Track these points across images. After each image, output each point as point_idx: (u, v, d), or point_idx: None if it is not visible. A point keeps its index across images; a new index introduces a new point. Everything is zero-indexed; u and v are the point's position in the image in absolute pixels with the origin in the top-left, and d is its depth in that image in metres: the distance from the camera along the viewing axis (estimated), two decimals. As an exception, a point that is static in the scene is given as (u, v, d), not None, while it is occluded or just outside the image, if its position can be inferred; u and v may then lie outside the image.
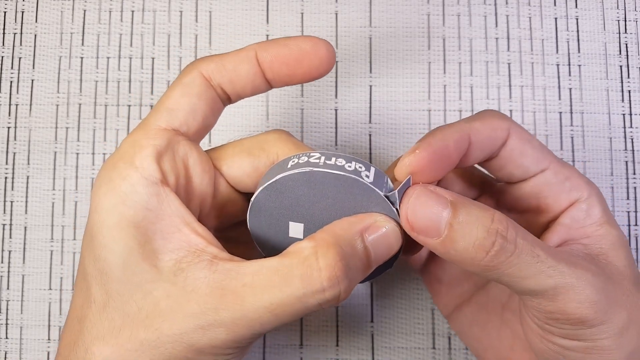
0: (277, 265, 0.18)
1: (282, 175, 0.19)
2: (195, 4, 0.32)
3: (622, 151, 0.31)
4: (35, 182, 0.31)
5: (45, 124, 0.31)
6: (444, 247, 0.19)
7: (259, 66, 0.21)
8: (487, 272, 0.19)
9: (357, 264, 0.19)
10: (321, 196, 0.20)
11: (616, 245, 0.22)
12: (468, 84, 0.31)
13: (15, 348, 0.30)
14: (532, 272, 0.19)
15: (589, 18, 0.32)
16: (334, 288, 0.18)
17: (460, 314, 0.26)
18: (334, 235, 0.19)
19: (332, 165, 0.19)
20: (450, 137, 0.21)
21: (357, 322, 0.30)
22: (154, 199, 0.19)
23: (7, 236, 0.30)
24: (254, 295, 0.18)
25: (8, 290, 0.30)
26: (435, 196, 0.19)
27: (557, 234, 0.23)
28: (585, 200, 0.23)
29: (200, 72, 0.21)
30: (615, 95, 0.31)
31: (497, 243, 0.18)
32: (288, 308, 0.18)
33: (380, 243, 0.20)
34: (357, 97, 0.31)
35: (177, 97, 0.21)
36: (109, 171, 0.20)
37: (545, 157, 0.23)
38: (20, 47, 0.32)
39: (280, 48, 0.21)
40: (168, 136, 0.21)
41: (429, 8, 0.32)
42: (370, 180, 0.19)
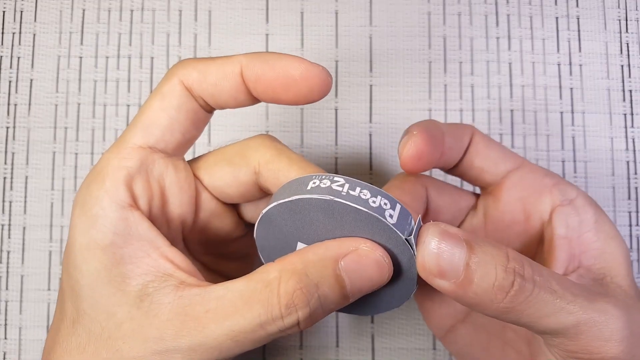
0: (242, 289, 0.18)
1: (299, 196, 0.18)
2: (194, 3, 0.32)
3: (624, 151, 0.31)
4: (34, 182, 0.31)
5: (44, 123, 0.31)
6: (462, 290, 0.18)
7: (243, 83, 0.20)
8: (506, 315, 0.18)
9: (325, 292, 0.18)
10: (337, 226, 0.19)
11: (619, 262, 0.21)
12: (469, 83, 0.31)
13: (14, 349, 0.30)
14: (552, 309, 0.18)
15: (590, 17, 0.32)
16: (291, 316, 0.18)
17: (456, 335, 0.25)
18: (303, 260, 0.18)
19: (356, 198, 0.18)
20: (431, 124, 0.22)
21: (358, 322, 0.30)
22: (122, 224, 0.19)
23: (6, 236, 0.30)
24: (215, 321, 0.18)
25: (7, 290, 0.30)
26: (449, 235, 0.18)
27: (561, 249, 0.22)
28: (572, 203, 0.22)
29: (180, 81, 0.20)
30: (617, 94, 0.31)
31: (517, 282, 0.17)
32: (250, 335, 0.18)
33: (357, 273, 0.18)
34: (357, 97, 0.31)
35: (155, 110, 0.20)
36: (84, 191, 0.20)
37: (514, 156, 0.24)
38: (19, 46, 0.32)
39: (267, 69, 0.20)
40: (142, 156, 0.20)
41: (430, 7, 0.32)
42: (393, 222, 0.18)
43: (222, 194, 0.22)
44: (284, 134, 0.31)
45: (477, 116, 0.31)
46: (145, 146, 0.20)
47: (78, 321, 0.19)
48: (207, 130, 0.31)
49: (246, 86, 0.20)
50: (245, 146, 0.22)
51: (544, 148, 0.31)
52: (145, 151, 0.20)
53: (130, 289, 0.19)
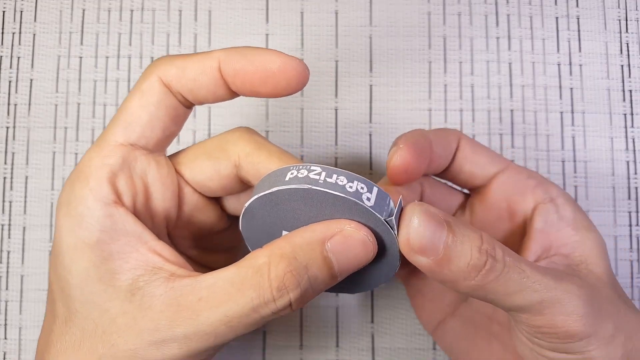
0: (232, 277, 0.19)
1: (278, 188, 0.19)
2: (194, 3, 0.32)
3: (624, 151, 0.31)
4: (34, 182, 0.31)
5: (44, 123, 0.31)
6: (439, 267, 0.19)
7: (221, 78, 0.20)
8: (476, 292, 0.19)
9: (314, 273, 0.19)
10: (318, 212, 0.19)
11: (594, 251, 0.22)
12: (469, 83, 0.31)
13: (14, 349, 0.30)
14: (519, 287, 0.19)
15: (590, 17, 0.32)
16: (283, 298, 0.18)
17: (446, 328, 0.26)
18: (291, 244, 0.19)
19: (333, 185, 0.19)
20: (417, 134, 0.23)
21: (358, 322, 0.30)
22: (108, 221, 0.19)
23: (6, 236, 0.30)
24: (208, 309, 0.18)
25: (7, 290, 0.30)
26: (432, 215, 0.19)
27: (535, 241, 0.23)
28: (553, 201, 0.24)
29: (159, 78, 0.20)
30: (617, 94, 0.31)
31: (488, 262, 0.19)
32: (244, 319, 0.18)
33: (344, 253, 0.19)
34: (357, 97, 0.31)
35: (134, 107, 0.20)
36: (67, 191, 0.20)
37: (500, 159, 0.25)
38: (19, 46, 0.32)
39: (245, 63, 0.20)
40: (124, 153, 0.20)
41: (430, 7, 0.32)
42: (370, 204, 0.19)
43: (203, 188, 0.22)
44: (284, 134, 0.31)
45: (477, 116, 0.31)
46: (126, 143, 0.20)
47: (70, 320, 0.19)
48: (206, 130, 0.31)
49: (224, 81, 0.20)
50: (224, 140, 0.22)
51: (544, 148, 0.31)
52: (127, 148, 0.20)
53: (120, 284, 0.19)
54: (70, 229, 0.19)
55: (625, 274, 0.30)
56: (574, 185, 0.30)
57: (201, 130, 0.31)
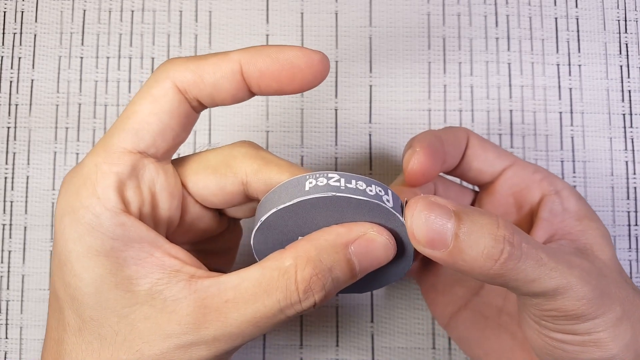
0: (258, 277, 0.19)
1: (301, 199, 0.19)
2: (195, 3, 0.32)
3: (623, 151, 0.31)
4: (35, 182, 0.31)
5: (45, 123, 0.31)
6: (452, 258, 0.19)
7: (243, 81, 0.20)
8: (495, 280, 0.19)
9: (337, 275, 0.19)
10: (338, 217, 0.20)
11: (598, 239, 0.23)
12: (468, 83, 0.31)
13: (15, 348, 0.30)
14: (537, 275, 0.19)
15: (589, 18, 0.32)
16: (309, 300, 0.19)
17: (458, 321, 0.26)
18: (316, 247, 0.19)
19: (354, 190, 0.19)
20: (431, 136, 0.24)
21: (357, 322, 0.30)
22: (119, 229, 0.19)
23: (7, 236, 0.30)
24: (237, 310, 0.18)
25: (8, 290, 0.30)
26: (437, 207, 0.19)
27: (541, 229, 0.24)
28: (558, 193, 0.24)
29: (174, 84, 0.19)
30: (616, 95, 0.31)
31: (506, 250, 0.18)
32: (271, 319, 0.19)
33: (366, 255, 0.20)
34: (357, 97, 0.31)
35: (145, 113, 0.19)
36: (71, 198, 0.19)
37: (508, 155, 0.25)
38: (20, 47, 0.32)
39: (270, 62, 0.19)
40: (133, 161, 0.19)
41: (429, 8, 0.32)
42: (391, 205, 0.19)
43: (206, 201, 0.22)
44: (284, 134, 0.31)
45: (477, 116, 0.31)
46: (135, 151, 0.20)
47: (84, 329, 0.19)
48: (207, 130, 0.31)
49: (246, 83, 0.20)
50: (229, 155, 0.21)
51: (543, 148, 0.31)
52: (136, 156, 0.20)
53: (139, 289, 0.19)
54: (77, 238, 0.19)
55: (624, 273, 0.30)
56: (573, 185, 0.31)
57: (202, 130, 0.31)
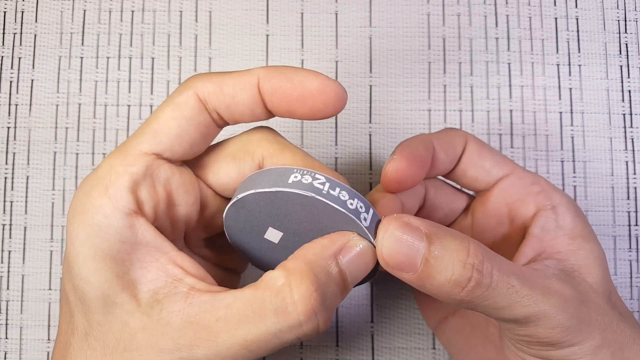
0: (250, 298, 0.18)
1: (280, 189, 0.19)
2: (195, 4, 0.32)
3: (623, 151, 0.31)
4: (35, 182, 0.31)
5: (45, 124, 0.31)
6: (420, 281, 0.18)
7: (259, 95, 0.20)
8: (463, 305, 0.19)
9: (333, 289, 0.18)
10: (313, 220, 0.19)
11: (589, 261, 0.22)
12: (468, 83, 0.31)
13: (15, 348, 0.30)
14: (507, 302, 0.19)
15: (589, 18, 0.32)
16: (311, 321, 0.18)
17: (446, 326, 0.26)
18: (307, 262, 0.18)
19: (335, 198, 0.19)
20: (418, 143, 0.23)
21: (357, 322, 0.30)
22: (128, 231, 0.19)
23: (7, 236, 0.30)
24: (227, 331, 0.18)
25: (8, 290, 0.30)
26: (409, 229, 0.18)
27: (529, 246, 0.23)
28: (554, 209, 0.23)
29: (195, 93, 0.20)
30: (616, 95, 0.31)
31: (474, 279, 0.18)
32: (263, 344, 0.18)
33: (355, 263, 0.19)
34: (357, 97, 0.31)
35: (165, 118, 0.20)
36: (83, 198, 0.19)
37: (507, 163, 0.24)
38: (20, 47, 0.32)
39: (284, 81, 0.19)
40: (147, 162, 0.19)
41: (429, 8, 0.32)
42: (366, 225, 0.19)
43: (226, 191, 0.22)
44: (284, 134, 0.31)
45: (477, 116, 0.31)
46: (150, 152, 0.20)
47: (91, 334, 0.19)
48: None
49: (262, 98, 0.20)
50: (247, 141, 0.22)
51: (543, 148, 0.31)
52: (151, 157, 0.20)
53: (141, 296, 0.19)
54: (86, 240, 0.18)
55: (624, 273, 0.30)
56: (573, 185, 0.31)
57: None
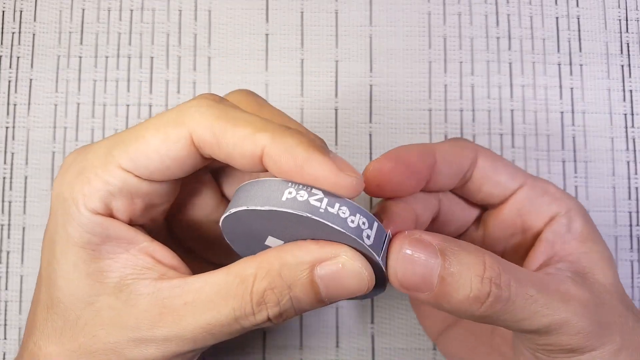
0: (219, 282, 0.18)
1: (273, 208, 0.17)
2: (194, 3, 0.32)
3: (624, 151, 0.31)
4: (34, 182, 0.31)
5: (43, 123, 0.31)
6: (437, 300, 0.18)
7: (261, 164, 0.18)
8: (483, 320, 0.19)
9: (298, 295, 0.18)
10: (311, 234, 0.18)
11: (601, 263, 0.22)
12: (469, 83, 0.31)
13: (14, 349, 0.30)
14: (527, 314, 0.18)
15: (590, 17, 0.32)
16: (261, 313, 0.18)
17: (448, 337, 0.26)
18: (280, 260, 0.18)
19: (334, 217, 0.17)
20: (413, 149, 0.22)
21: (358, 323, 0.30)
22: (98, 227, 0.19)
23: (6, 236, 0.30)
24: (192, 314, 0.18)
25: (6, 290, 0.30)
26: (422, 246, 0.18)
27: (541, 251, 0.22)
28: (565, 215, 0.23)
29: (190, 135, 0.18)
30: (617, 94, 0.31)
31: (492, 293, 0.18)
32: (225, 328, 0.18)
33: (333, 280, 0.18)
34: (357, 97, 0.31)
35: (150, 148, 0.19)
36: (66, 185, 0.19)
37: (519, 173, 0.24)
38: (18, 46, 0.32)
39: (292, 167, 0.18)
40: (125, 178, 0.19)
41: (430, 7, 0.32)
42: (370, 243, 0.18)
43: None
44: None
45: (477, 116, 0.31)
46: (129, 171, 0.19)
47: (52, 308, 0.20)
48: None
49: (264, 166, 0.19)
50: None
51: (544, 148, 0.31)
52: (129, 175, 0.19)
53: (108, 281, 0.19)
54: (62, 224, 0.19)
55: (625, 274, 0.30)
56: (575, 185, 0.30)
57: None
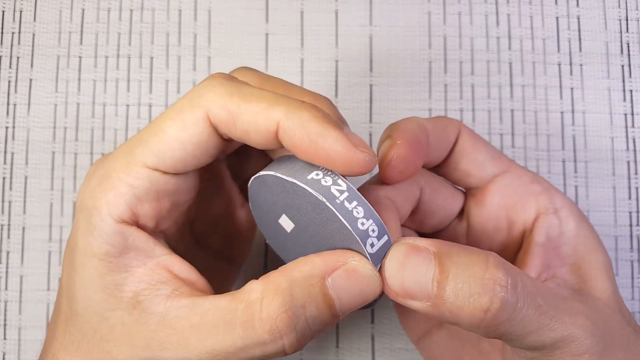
0: (225, 307, 0.18)
1: (296, 182, 0.18)
2: (194, 2, 0.32)
3: (624, 151, 0.31)
4: (34, 182, 0.31)
5: (43, 123, 0.31)
6: (436, 310, 0.17)
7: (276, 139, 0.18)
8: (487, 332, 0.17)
9: (313, 314, 0.17)
10: (322, 224, 0.18)
11: (598, 274, 0.20)
12: (469, 83, 0.31)
13: (14, 349, 0.30)
14: (535, 326, 0.17)
15: (590, 17, 0.32)
16: (275, 342, 0.17)
17: (431, 341, 0.24)
18: (289, 278, 0.17)
19: (347, 212, 0.17)
20: (415, 126, 0.21)
21: (358, 323, 0.30)
22: (118, 237, 0.19)
23: (5, 236, 0.30)
24: (198, 338, 0.18)
25: (6, 291, 0.30)
26: (415, 251, 0.17)
27: (536, 256, 0.21)
28: (556, 212, 0.21)
29: (206, 115, 0.18)
30: (617, 94, 0.31)
31: (497, 298, 0.16)
32: (231, 356, 0.17)
33: (348, 289, 0.17)
34: (358, 97, 0.31)
35: (171, 138, 0.18)
36: (88, 194, 0.19)
37: (502, 159, 0.22)
38: (18, 46, 0.31)
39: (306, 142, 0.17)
40: (151, 177, 0.19)
41: (430, 7, 0.32)
42: (371, 251, 0.17)
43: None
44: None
45: (477, 116, 0.31)
46: (154, 168, 0.19)
47: (71, 320, 0.20)
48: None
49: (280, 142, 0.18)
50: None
51: (545, 148, 0.31)
52: (156, 173, 0.19)
53: (123, 295, 0.19)
54: (83, 234, 0.19)
55: (625, 274, 0.30)
56: (575, 185, 0.30)
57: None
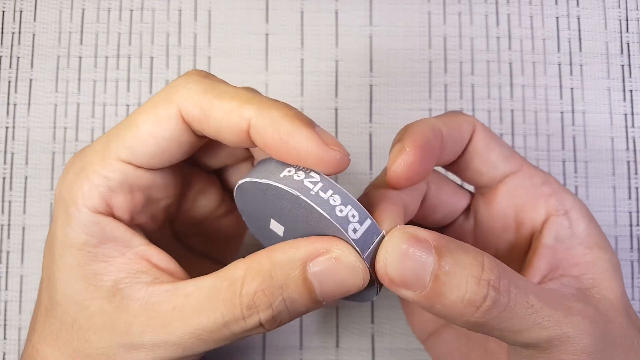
0: (209, 287, 0.18)
1: (269, 182, 0.18)
2: (194, 2, 0.32)
3: (624, 151, 0.31)
4: (34, 182, 0.31)
5: (43, 123, 0.31)
6: (428, 301, 0.17)
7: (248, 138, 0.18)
8: (476, 328, 0.17)
9: (291, 296, 0.17)
10: (305, 220, 0.18)
11: (608, 274, 0.20)
12: (469, 83, 0.31)
13: (14, 349, 0.30)
14: (526, 324, 0.17)
15: (590, 17, 0.32)
16: (252, 317, 0.17)
17: (438, 340, 0.24)
18: (271, 260, 0.18)
19: (323, 201, 0.17)
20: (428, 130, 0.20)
21: (357, 323, 0.30)
22: (96, 227, 0.19)
23: (5, 236, 0.30)
24: (181, 320, 0.18)
25: (6, 291, 0.30)
26: (416, 241, 0.17)
27: (542, 258, 0.21)
28: (567, 214, 0.21)
29: (179, 111, 0.19)
30: (617, 94, 0.31)
31: (489, 297, 0.16)
32: (215, 334, 0.18)
33: (328, 278, 0.17)
34: (358, 97, 0.31)
35: (144, 133, 0.19)
36: (66, 186, 0.20)
37: (515, 158, 0.22)
38: (18, 46, 0.32)
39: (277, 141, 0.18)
40: (125, 171, 0.19)
41: (430, 7, 0.32)
42: (355, 237, 0.17)
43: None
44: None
45: (478, 116, 0.31)
46: (128, 162, 0.19)
47: (51, 310, 0.20)
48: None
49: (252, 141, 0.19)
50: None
51: (545, 148, 0.31)
52: (130, 167, 0.19)
53: (102, 284, 0.19)
54: (62, 225, 0.19)
55: (626, 274, 0.30)
56: (575, 185, 0.30)
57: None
